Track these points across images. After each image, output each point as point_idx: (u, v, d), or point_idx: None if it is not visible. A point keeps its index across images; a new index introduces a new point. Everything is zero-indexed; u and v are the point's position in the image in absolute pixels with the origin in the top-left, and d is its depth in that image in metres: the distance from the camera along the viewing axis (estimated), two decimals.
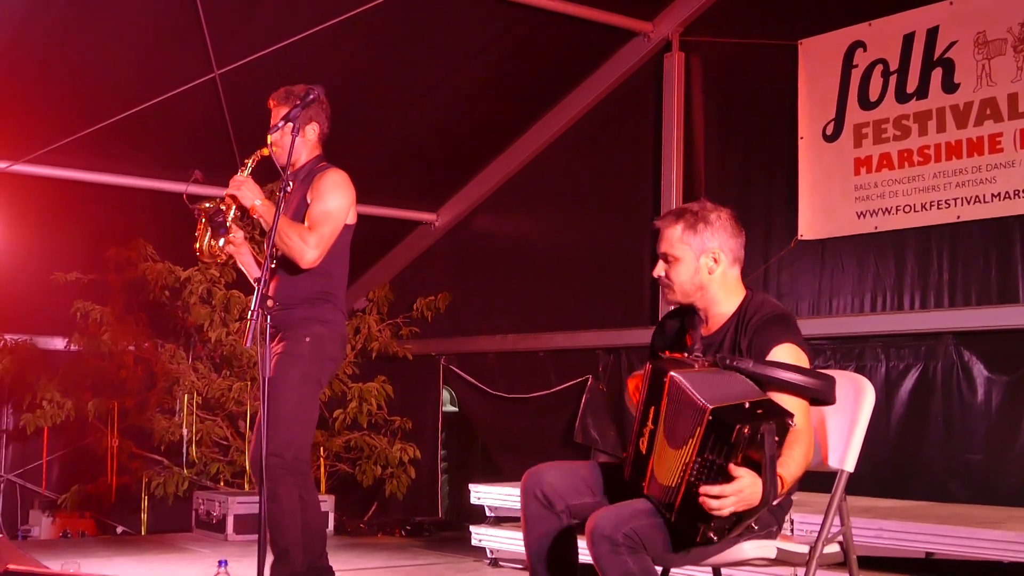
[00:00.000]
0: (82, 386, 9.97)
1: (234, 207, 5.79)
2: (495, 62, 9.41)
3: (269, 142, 5.83)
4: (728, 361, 4.04)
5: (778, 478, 3.77)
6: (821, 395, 4.07)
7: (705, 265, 4.27)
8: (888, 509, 6.54)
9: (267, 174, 6.08)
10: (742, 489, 3.67)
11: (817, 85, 8.20)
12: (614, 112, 9.72)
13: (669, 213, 4.38)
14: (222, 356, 10.10)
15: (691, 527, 3.78)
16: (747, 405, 3.76)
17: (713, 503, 3.68)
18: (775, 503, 3.84)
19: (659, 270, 4.35)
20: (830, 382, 4.09)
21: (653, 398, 4.03)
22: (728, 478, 3.68)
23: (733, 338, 4.21)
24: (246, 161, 5.81)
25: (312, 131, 5.91)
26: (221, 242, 5.85)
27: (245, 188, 5.70)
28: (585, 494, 4.26)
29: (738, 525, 3.78)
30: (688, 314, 4.42)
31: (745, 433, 3.68)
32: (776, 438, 3.76)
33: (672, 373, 3.93)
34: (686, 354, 4.20)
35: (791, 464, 3.87)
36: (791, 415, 3.81)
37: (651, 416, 4.03)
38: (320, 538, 5.89)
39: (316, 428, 9.72)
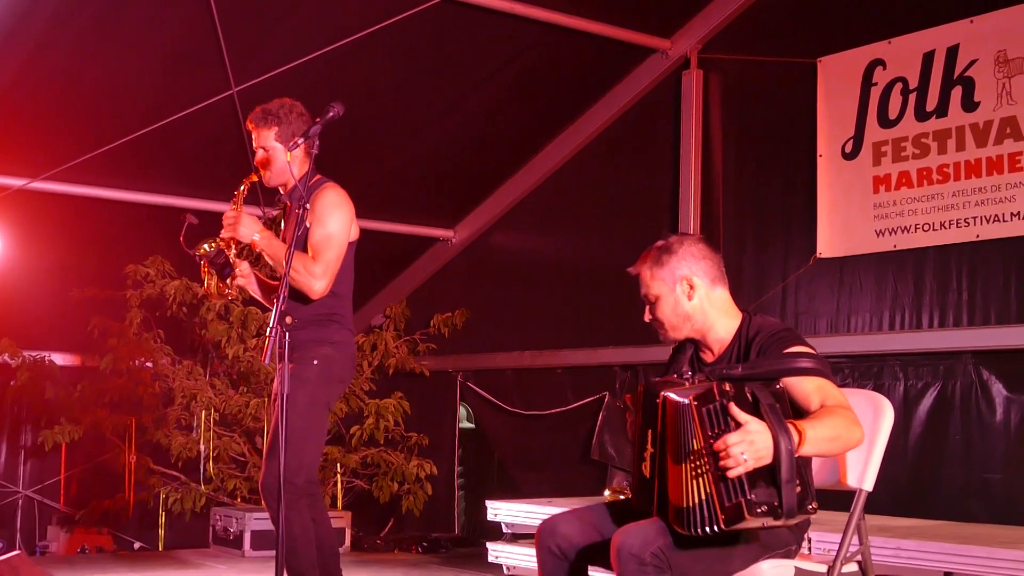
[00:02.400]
0: (99, 403, 10.00)
1: (233, 244, 5.71)
2: (513, 79, 9.43)
3: (256, 167, 5.78)
4: (720, 373, 4.03)
5: (791, 427, 3.72)
6: (822, 374, 4.01)
7: (683, 292, 4.23)
8: (907, 528, 6.54)
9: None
10: (748, 432, 3.65)
11: (836, 103, 8.20)
12: (632, 129, 9.74)
13: (639, 258, 4.35)
14: (239, 372, 10.14)
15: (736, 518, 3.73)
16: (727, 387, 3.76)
17: (729, 461, 3.64)
18: (797, 454, 3.73)
19: (647, 314, 4.33)
20: (824, 361, 4.04)
21: (649, 421, 4.05)
22: None
23: (737, 360, 4.17)
24: (236, 192, 5.70)
25: (305, 148, 5.62)
26: (228, 280, 5.81)
27: (240, 226, 5.60)
28: (596, 537, 4.23)
29: (783, 488, 3.70)
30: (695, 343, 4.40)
31: (727, 390, 3.70)
32: (776, 403, 3.76)
33: (664, 393, 3.94)
34: (676, 375, 4.21)
35: (816, 424, 3.80)
36: (778, 381, 3.84)
37: (650, 440, 4.04)
38: (333, 556, 5.87)
39: (333, 444, 9.85)
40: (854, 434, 3.91)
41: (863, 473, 4.21)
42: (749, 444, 3.64)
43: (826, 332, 8.08)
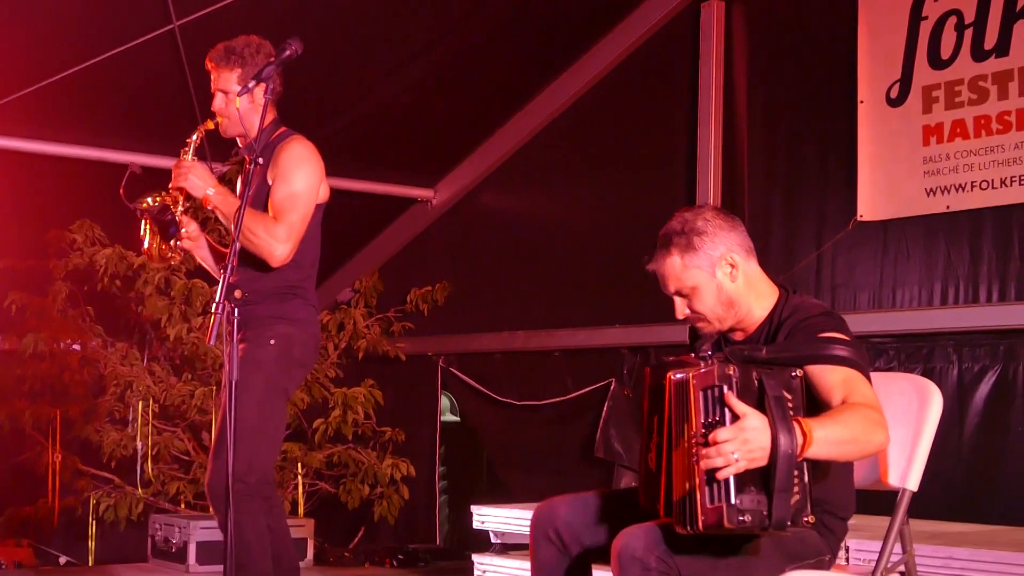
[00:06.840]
0: (18, 392, 10.01)
1: (182, 199, 5.74)
2: (504, 12, 9.42)
3: (214, 113, 5.81)
4: (742, 355, 4.02)
5: (797, 425, 3.70)
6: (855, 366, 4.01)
7: (725, 275, 4.25)
8: (959, 535, 6.57)
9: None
10: (743, 429, 3.63)
11: (880, 41, 8.21)
12: (642, 71, 9.74)
13: (656, 250, 4.33)
14: (182, 357, 10.15)
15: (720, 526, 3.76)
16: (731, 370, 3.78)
17: (717, 460, 3.63)
18: (800, 458, 3.70)
19: (681, 309, 4.31)
20: (860, 351, 4.04)
21: (655, 407, 4.09)
22: None
23: (765, 343, 4.18)
24: (188, 140, 5.72)
25: (262, 92, 5.61)
26: (173, 241, 5.81)
27: (193, 176, 5.61)
28: (601, 531, 4.27)
29: (776, 496, 3.69)
30: None
31: (728, 373, 3.70)
32: (787, 394, 3.75)
33: (669, 374, 3.96)
34: (692, 355, 4.21)
35: (829, 424, 3.78)
36: (797, 368, 3.84)
37: (656, 427, 4.09)
38: (293, 571, 5.91)
39: (293, 441, 9.87)
40: (875, 437, 3.88)
41: (907, 471, 4.26)
42: (742, 443, 3.62)
43: (868, 307, 8.12)
